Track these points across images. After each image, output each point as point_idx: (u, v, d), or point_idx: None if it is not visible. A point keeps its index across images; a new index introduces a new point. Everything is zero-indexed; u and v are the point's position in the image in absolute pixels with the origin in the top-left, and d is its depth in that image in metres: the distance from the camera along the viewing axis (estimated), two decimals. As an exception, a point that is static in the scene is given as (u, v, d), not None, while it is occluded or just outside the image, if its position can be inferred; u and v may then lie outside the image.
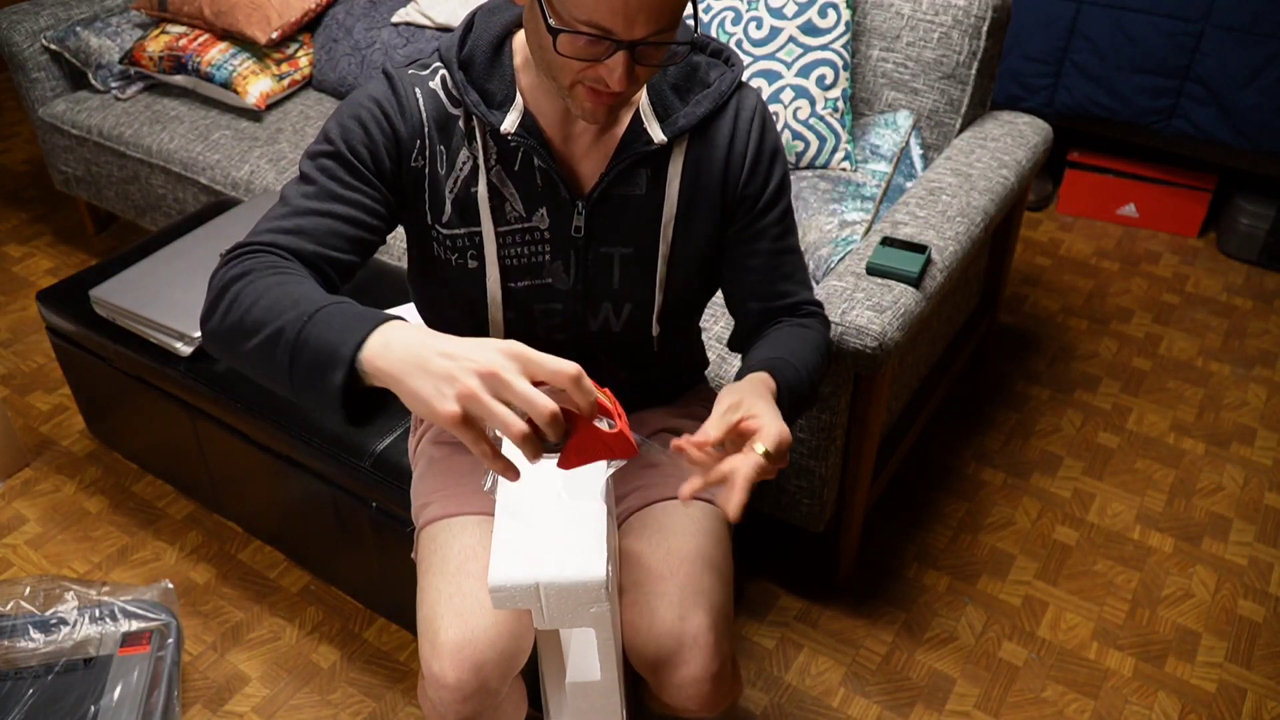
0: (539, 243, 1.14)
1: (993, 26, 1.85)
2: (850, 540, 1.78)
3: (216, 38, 2.42)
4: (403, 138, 1.09)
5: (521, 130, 1.08)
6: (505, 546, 1.01)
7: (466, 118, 1.10)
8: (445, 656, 1.10)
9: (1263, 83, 2.39)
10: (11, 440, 2.09)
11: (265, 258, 0.99)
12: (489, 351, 0.83)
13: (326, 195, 1.05)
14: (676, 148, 1.11)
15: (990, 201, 1.76)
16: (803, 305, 1.23)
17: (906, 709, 1.66)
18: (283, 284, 0.94)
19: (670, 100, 1.11)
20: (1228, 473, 2.07)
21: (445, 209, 1.12)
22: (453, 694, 1.10)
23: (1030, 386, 2.29)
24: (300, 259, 1.01)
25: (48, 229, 2.88)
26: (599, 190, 1.11)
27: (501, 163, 1.11)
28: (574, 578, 0.98)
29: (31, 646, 1.67)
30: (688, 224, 1.15)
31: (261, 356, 0.92)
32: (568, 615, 1.00)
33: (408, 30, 2.35)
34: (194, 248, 1.92)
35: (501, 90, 1.09)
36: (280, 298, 0.93)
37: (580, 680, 1.11)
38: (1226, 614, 1.80)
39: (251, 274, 0.96)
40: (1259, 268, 2.67)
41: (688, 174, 1.13)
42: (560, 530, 1.02)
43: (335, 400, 0.88)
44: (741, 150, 1.13)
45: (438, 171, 1.11)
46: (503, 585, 0.98)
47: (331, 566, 1.81)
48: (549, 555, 0.99)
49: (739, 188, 1.15)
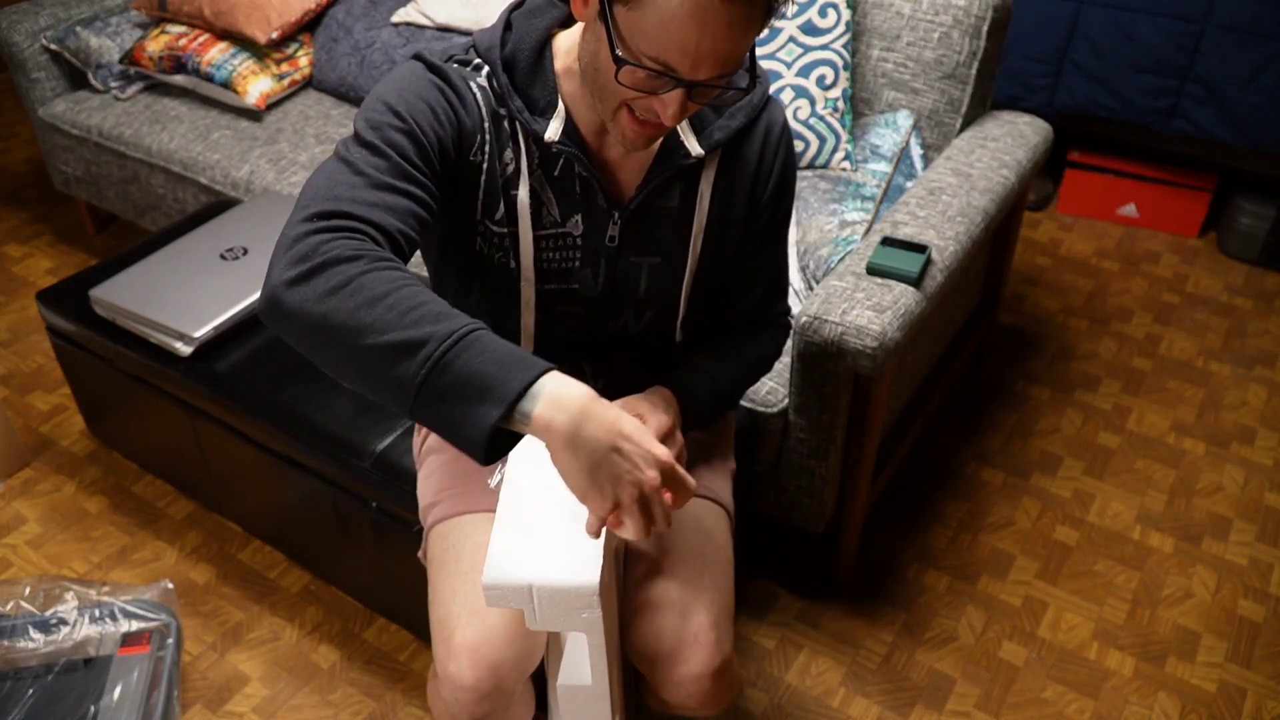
0: (570, 249, 1.14)
1: (993, 26, 1.85)
2: (850, 540, 1.78)
3: (216, 38, 2.42)
4: (466, 130, 1.05)
5: (564, 138, 1.07)
6: (503, 546, 1.01)
7: (510, 119, 1.08)
8: (462, 656, 1.10)
9: (1263, 83, 2.39)
10: (11, 440, 2.09)
11: (367, 242, 0.91)
12: (654, 469, 0.89)
13: (401, 174, 0.97)
14: (709, 161, 1.12)
15: (990, 201, 1.76)
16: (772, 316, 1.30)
17: (906, 709, 1.66)
18: (408, 285, 0.88)
19: (705, 113, 1.11)
20: (1228, 473, 2.07)
21: (499, 206, 1.10)
22: (469, 694, 1.10)
23: (1030, 386, 2.29)
24: (389, 241, 0.94)
25: (48, 229, 2.88)
26: (636, 201, 1.11)
27: (543, 168, 1.10)
28: (566, 582, 0.98)
29: (31, 646, 1.67)
30: (716, 236, 1.17)
31: (379, 359, 0.86)
32: (559, 619, 1.00)
33: (408, 30, 2.35)
34: (194, 248, 1.92)
35: (544, 96, 1.07)
36: (415, 304, 0.87)
37: (571, 684, 1.11)
38: (1226, 614, 1.80)
39: (363, 259, 0.88)
40: (1259, 268, 2.67)
41: (719, 188, 1.14)
42: (559, 534, 1.02)
43: (481, 436, 0.85)
44: (769, 166, 1.15)
45: (495, 168, 1.08)
46: (496, 584, 0.98)
47: (331, 566, 1.81)
48: (545, 558, 0.99)
49: (763, 202, 1.17)
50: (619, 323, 1.19)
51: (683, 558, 1.18)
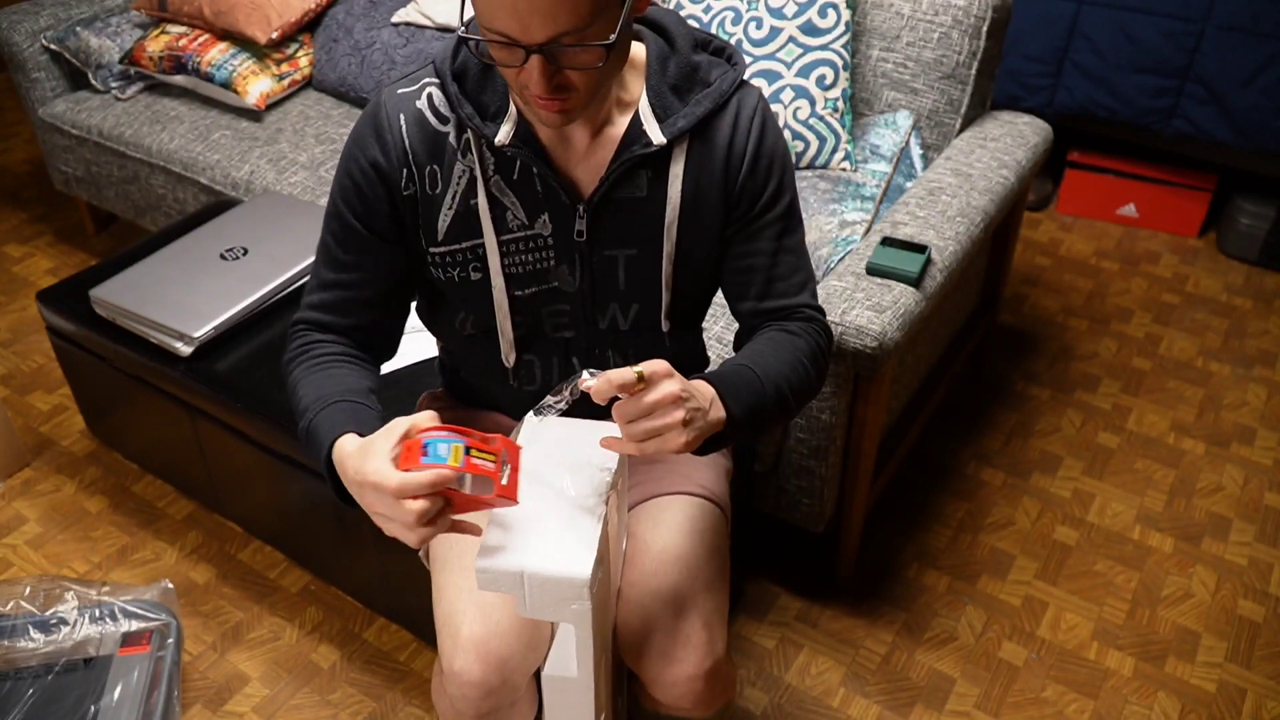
0: (543, 249, 1.14)
1: (993, 26, 1.85)
2: (850, 540, 1.78)
3: (216, 38, 2.42)
4: (389, 175, 1.11)
5: (516, 140, 1.08)
6: (499, 530, 1.01)
7: (459, 131, 1.10)
8: (469, 652, 1.10)
9: (1263, 83, 2.39)
10: (11, 440, 2.09)
11: (305, 340, 1.17)
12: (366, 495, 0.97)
13: (341, 265, 1.16)
14: (678, 148, 1.11)
15: (990, 201, 1.76)
16: (798, 310, 1.17)
17: (906, 709, 1.66)
18: (303, 379, 1.13)
19: (670, 101, 1.10)
20: (1228, 473, 2.07)
21: (438, 229, 1.13)
22: (476, 690, 1.10)
23: (1030, 386, 2.29)
24: (336, 333, 1.17)
25: (48, 229, 2.88)
26: (599, 194, 1.11)
27: (500, 173, 1.11)
28: (558, 572, 0.98)
29: (31, 646, 1.67)
30: (691, 224, 1.14)
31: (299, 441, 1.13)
32: (549, 608, 1.01)
33: (408, 30, 2.35)
34: (194, 248, 1.92)
35: (495, 102, 1.09)
36: (298, 397, 1.12)
37: (557, 674, 1.11)
38: (1226, 614, 1.80)
39: (292, 362, 1.16)
40: (1259, 268, 2.67)
41: (689, 174, 1.12)
42: (556, 524, 1.02)
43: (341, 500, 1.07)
44: (741, 149, 1.12)
45: (429, 193, 1.12)
46: (489, 568, 0.99)
47: (331, 566, 1.81)
48: (539, 546, 1.00)
49: (738, 187, 1.13)
50: (608, 318, 1.19)
51: (676, 556, 1.18)
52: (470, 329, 1.22)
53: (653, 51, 1.10)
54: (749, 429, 1.06)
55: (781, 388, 1.09)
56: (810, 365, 1.14)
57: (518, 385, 1.24)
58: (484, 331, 1.21)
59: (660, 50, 1.10)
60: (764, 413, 1.07)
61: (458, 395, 1.36)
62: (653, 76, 1.09)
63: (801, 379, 1.12)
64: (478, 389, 1.32)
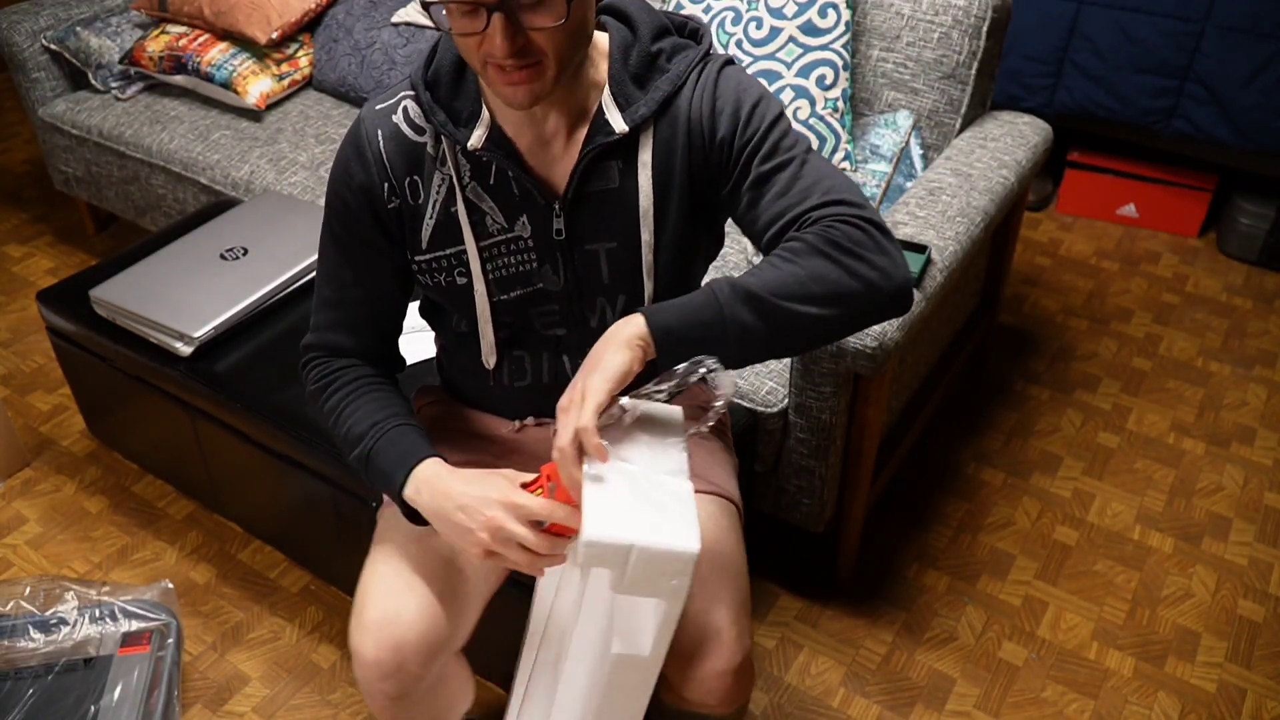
0: (524, 251, 1.15)
1: (993, 26, 1.85)
2: (850, 540, 1.79)
3: (216, 38, 2.42)
4: (372, 191, 1.14)
5: (489, 144, 1.09)
6: (599, 507, 0.98)
7: (436, 140, 1.12)
8: (367, 633, 1.13)
9: (1263, 83, 2.39)
10: (11, 440, 2.09)
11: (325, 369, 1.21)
12: (492, 508, 1.02)
13: (342, 284, 1.19)
14: (644, 136, 1.10)
15: (990, 201, 1.76)
16: (806, 215, 1.04)
17: (906, 709, 1.66)
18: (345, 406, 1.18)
19: (631, 90, 1.10)
20: (1228, 473, 2.07)
21: (422, 238, 1.15)
22: (372, 671, 1.13)
23: (1030, 386, 2.29)
24: (350, 355, 1.22)
25: (48, 229, 2.88)
26: (572, 189, 1.11)
27: (476, 178, 1.12)
28: (669, 546, 0.96)
29: (31, 646, 1.68)
30: (666, 209, 1.13)
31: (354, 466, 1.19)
32: (647, 584, 0.98)
33: (408, 30, 2.35)
34: (194, 248, 1.92)
35: (467, 107, 1.10)
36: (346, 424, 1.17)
37: (625, 653, 1.08)
38: (1226, 614, 1.80)
39: (323, 391, 1.20)
40: (1259, 268, 2.67)
41: (658, 160, 1.11)
42: (654, 501, 1.00)
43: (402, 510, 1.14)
44: (699, 113, 1.09)
45: (411, 204, 1.14)
46: (597, 541, 0.95)
47: (331, 566, 1.81)
48: (645, 520, 0.97)
49: (716, 144, 1.09)
50: (598, 314, 1.19)
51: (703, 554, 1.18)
52: (464, 327, 1.24)
53: (615, 40, 1.10)
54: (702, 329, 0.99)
55: (749, 285, 0.99)
56: (826, 251, 1.00)
57: (509, 382, 1.25)
58: (474, 330, 1.23)
59: (623, 39, 1.11)
60: (719, 312, 0.99)
61: (452, 391, 1.37)
62: (615, 65, 1.09)
63: (807, 270, 0.99)
64: (466, 385, 1.33)
